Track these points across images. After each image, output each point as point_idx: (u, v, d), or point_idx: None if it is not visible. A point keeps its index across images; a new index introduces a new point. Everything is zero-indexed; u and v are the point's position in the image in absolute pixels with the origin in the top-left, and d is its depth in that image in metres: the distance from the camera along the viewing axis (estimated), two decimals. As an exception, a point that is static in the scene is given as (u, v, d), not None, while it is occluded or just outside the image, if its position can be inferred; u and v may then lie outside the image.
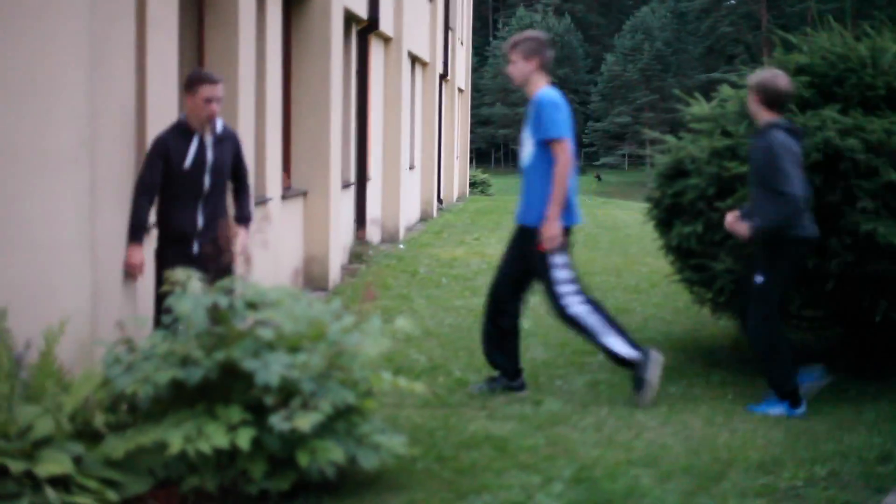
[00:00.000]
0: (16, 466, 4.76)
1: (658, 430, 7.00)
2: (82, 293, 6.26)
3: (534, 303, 11.96)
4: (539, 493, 5.78)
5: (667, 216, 9.02)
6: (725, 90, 9.36)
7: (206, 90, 6.93)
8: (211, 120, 7.00)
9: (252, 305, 5.55)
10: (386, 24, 18.59)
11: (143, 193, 6.83)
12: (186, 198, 6.98)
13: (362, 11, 16.39)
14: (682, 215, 8.78)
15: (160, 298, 6.51)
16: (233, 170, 7.29)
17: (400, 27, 19.81)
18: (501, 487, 5.85)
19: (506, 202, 31.82)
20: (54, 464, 4.87)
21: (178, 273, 5.74)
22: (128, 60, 6.90)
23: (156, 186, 6.87)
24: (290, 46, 13.02)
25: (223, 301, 5.46)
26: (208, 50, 9.73)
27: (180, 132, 6.98)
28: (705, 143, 8.64)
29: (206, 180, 7.00)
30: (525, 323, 10.58)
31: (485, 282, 13.91)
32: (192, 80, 7.02)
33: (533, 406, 7.52)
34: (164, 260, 6.87)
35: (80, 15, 6.18)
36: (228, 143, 7.20)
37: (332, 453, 5.34)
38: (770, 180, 7.14)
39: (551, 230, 7.41)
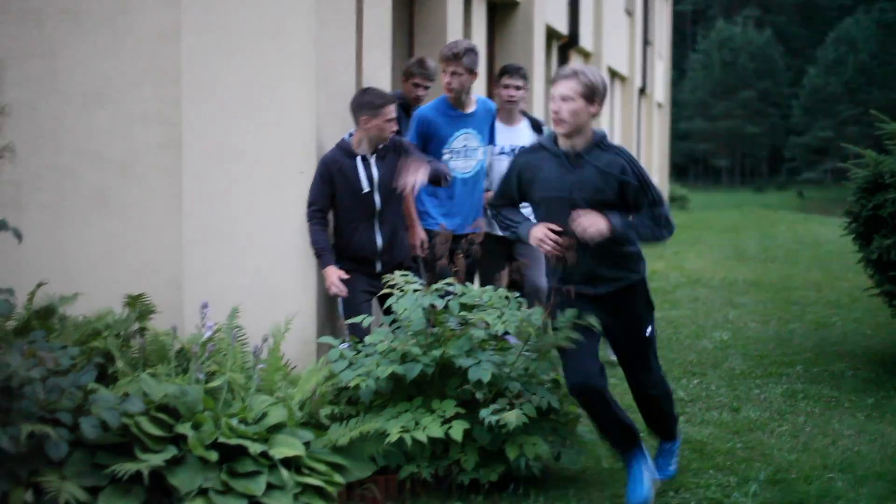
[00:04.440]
0: (254, 448, 5.26)
1: (854, 438, 7.14)
2: (307, 295, 6.76)
3: (733, 315, 12.18)
4: (735, 492, 6.03)
5: (866, 229, 9.10)
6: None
7: (391, 110, 6.84)
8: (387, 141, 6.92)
9: (466, 307, 5.96)
10: (586, 40, 18.90)
11: (314, 220, 6.75)
12: (361, 218, 6.89)
13: (563, 27, 16.76)
14: (881, 228, 8.87)
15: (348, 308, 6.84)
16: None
17: (599, 43, 20.11)
18: (699, 486, 6.12)
19: (705, 217, 31.74)
20: (287, 447, 5.37)
21: (396, 277, 6.19)
22: (348, 79, 7.39)
23: (323, 210, 6.80)
24: (493, 61, 13.47)
25: (439, 302, 5.88)
26: (418, 68, 10.23)
27: (345, 153, 6.87)
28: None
29: (377, 199, 6.89)
30: (724, 334, 10.79)
31: (683, 295, 14.17)
32: (377, 101, 6.83)
33: (731, 413, 7.74)
34: (348, 282, 6.81)
35: (308, 38, 6.69)
36: (392, 153, 6.99)
37: (539, 449, 5.71)
38: None
39: None
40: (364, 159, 6.85)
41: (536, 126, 8.49)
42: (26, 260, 6.87)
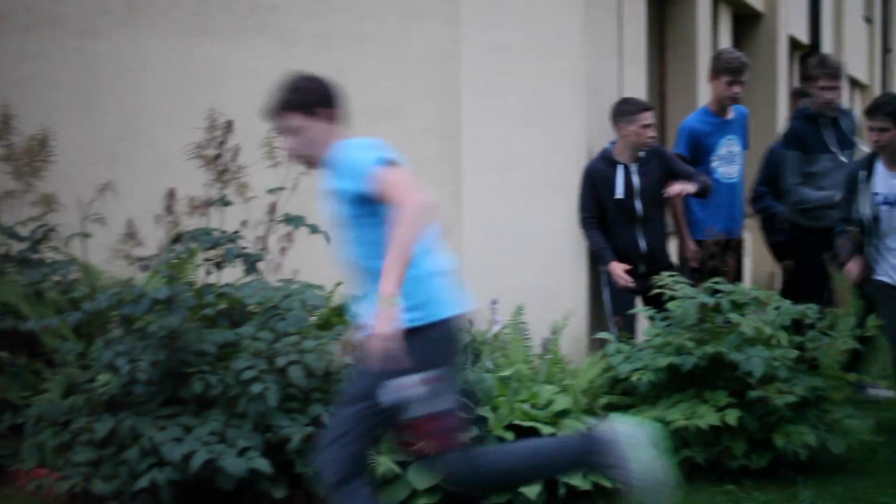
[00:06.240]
0: (545, 430, 5.78)
1: None
2: (579, 294, 7.25)
3: None
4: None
5: None
6: None
7: (646, 117, 7.22)
8: (647, 147, 7.30)
9: (737, 304, 6.34)
10: (827, 50, 18.84)
11: (588, 226, 7.22)
12: (624, 223, 7.26)
13: (804, 37, 16.80)
14: None
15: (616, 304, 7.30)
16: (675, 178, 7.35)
17: (840, 52, 19.99)
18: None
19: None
20: (575, 430, 5.85)
21: (666, 277, 6.61)
22: (612, 92, 7.83)
23: (594, 216, 7.22)
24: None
25: (710, 300, 6.28)
26: (670, 79, 10.62)
27: (606, 162, 7.25)
28: None
29: (638, 206, 7.26)
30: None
31: None
32: (633, 108, 7.26)
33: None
34: (614, 281, 7.20)
35: (579, 55, 7.20)
36: (654, 162, 7.33)
37: (805, 437, 6.05)
38: None
39: None
40: (625, 167, 7.24)
41: None
42: (320, 261, 7.51)
